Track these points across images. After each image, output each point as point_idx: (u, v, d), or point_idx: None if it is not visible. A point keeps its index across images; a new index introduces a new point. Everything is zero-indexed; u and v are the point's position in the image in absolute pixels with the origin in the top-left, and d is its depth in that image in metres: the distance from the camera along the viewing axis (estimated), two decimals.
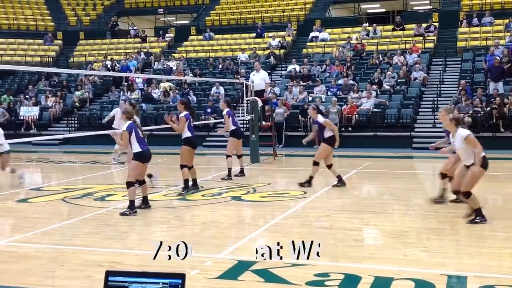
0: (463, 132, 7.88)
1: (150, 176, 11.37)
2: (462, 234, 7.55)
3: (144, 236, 7.64)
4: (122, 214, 8.72)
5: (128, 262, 6.23)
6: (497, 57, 20.20)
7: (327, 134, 10.82)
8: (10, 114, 24.04)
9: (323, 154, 10.91)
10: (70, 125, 23.79)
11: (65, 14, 34.84)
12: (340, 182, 10.92)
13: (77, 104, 24.87)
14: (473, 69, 22.17)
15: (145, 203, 9.18)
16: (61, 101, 25.05)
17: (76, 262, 6.22)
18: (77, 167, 16.78)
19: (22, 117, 24.11)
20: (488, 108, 18.64)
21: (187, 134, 10.67)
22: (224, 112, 12.57)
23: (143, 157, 8.91)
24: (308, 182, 11.00)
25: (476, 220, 7.74)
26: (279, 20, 29.98)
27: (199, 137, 21.50)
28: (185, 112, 10.59)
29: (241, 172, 12.88)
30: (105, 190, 11.35)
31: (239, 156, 12.89)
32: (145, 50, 28.90)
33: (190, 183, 10.77)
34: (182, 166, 10.62)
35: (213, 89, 23.65)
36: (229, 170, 12.53)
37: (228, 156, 12.62)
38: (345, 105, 20.08)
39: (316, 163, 10.96)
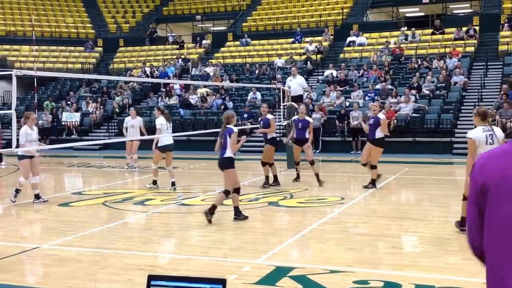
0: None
1: (155, 182, 12.03)
2: None
3: (182, 240, 7.71)
4: (235, 219, 8.63)
5: (167, 267, 6.30)
6: None
7: (378, 135, 11.20)
8: (52, 119, 24.64)
9: (378, 156, 11.42)
10: (110, 131, 24.22)
11: (105, 22, 35.57)
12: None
13: (116, 110, 25.32)
14: None
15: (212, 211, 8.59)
16: (101, 107, 25.54)
17: (117, 266, 6.31)
18: (117, 172, 17.05)
19: (64, 123, 24.69)
20: None
21: (273, 134, 12.19)
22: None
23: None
24: (373, 183, 11.45)
25: None
26: (316, 25, 29.90)
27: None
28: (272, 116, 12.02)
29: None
30: (144, 194, 11.50)
31: (270, 165, 12.40)
32: (183, 56, 29.24)
33: (271, 180, 12.01)
34: (263, 163, 12.03)
35: (250, 95, 23.73)
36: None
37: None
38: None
39: (374, 167, 11.41)
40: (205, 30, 35.18)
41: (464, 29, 25.29)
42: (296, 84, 16.86)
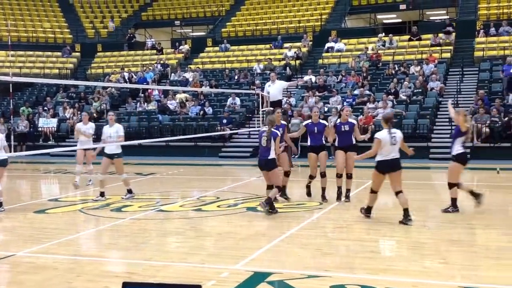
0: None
1: (130, 191, 11.51)
2: (480, 245, 7.46)
3: (160, 247, 7.66)
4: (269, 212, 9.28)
5: (144, 273, 6.25)
6: None
7: (355, 140, 10.70)
8: (29, 125, 24.34)
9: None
10: None
11: (83, 27, 35.30)
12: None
13: (94, 115, 25.11)
14: (490, 79, 21.99)
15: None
16: (79, 112, 25.29)
17: (93, 273, 6.25)
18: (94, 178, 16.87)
19: (40, 129, 24.40)
20: (506, 119, 18.45)
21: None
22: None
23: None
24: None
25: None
26: (295, 31, 30.05)
27: (216, 147, 21.70)
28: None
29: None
30: (122, 201, 11.40)
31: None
32: (162, 61, 29.13)
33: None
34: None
35: (229, 100, 23.74)
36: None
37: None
38: (361, 116, 20.02)
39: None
40: (184, 36, 35.14)
41: (441, 35, 25.64)
42: (275, 89, 16.90)
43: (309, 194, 11.02)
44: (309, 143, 10.72)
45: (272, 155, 9.33)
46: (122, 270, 6.30)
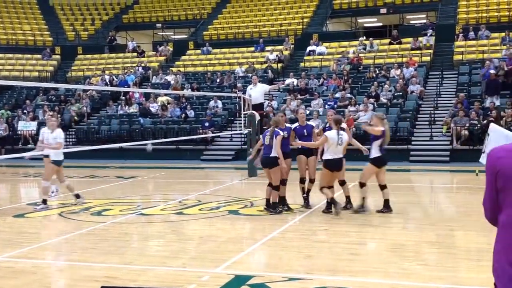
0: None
1: (78, 196, 11.21)
2: (459, 247, 7.54)
3: (141, 251, 7.62)
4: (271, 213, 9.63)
5: (125, 277, 6.21)
6: (492, 72, 20.27)
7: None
8: (8, 129, 24.04)
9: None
10: (68, 140, 23.77)
11: (63, 29, 34.99)
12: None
13: (75, 118, 24.91)
14: (469, 82, 22.26)
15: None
16: (59, 115, 25.05)
17: (73, 278, 6.20)
18: (74, 182, 16.71)
19: (20, 132, 24.12)
20: (485, 121, 18.67)
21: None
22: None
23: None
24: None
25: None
26: (277, 34, 30.13)
27: (197, 150, 21.65)
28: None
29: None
30: (102, 205, 11.32)
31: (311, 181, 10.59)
32: (143, 64, 29.00)
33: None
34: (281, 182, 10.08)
35: (211, 103, 23.70)
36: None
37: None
38: (343, 119, 20.11)
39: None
40: (166, 38, 35.01)
41: (421, 38, 25.91)
42: (257, 92, 16.95)
43: (307, 205, 10.30)
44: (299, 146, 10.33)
45: (274, 153, 9.51)
46: (102, 275, 6.25)
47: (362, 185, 9.71)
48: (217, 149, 21.96)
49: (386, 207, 9.75)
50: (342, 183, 9.99)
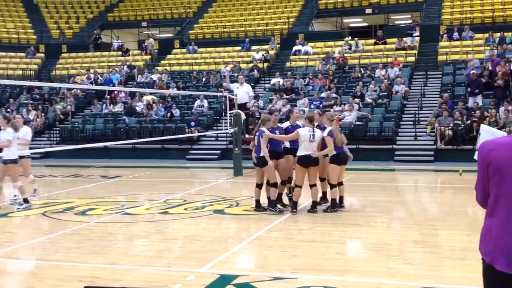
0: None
1: (26, 201, 10.79)
2: (443, 246, 7.59)
3: (126, 250, 7.58)
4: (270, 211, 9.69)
5: (109, 277, 6.17)
6: (474, 72, 20.46)
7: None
8: None
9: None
10: (52, 139, 23.60)
11: (48, 27, 34.67)
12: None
13: (61, 116, 24.70)
14: (453, 82, 22.45)
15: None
16: (43, 114, 24.86)
17: (56, 278, 6.14)
18: (58, 181, 16.61)
19: None
20: (469, 121, 18.86)
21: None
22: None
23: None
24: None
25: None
26: (263, 34, 30.13)
27: (183, 150, 21.58)
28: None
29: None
30: (86, 204, 11.24)
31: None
32: (128, 63, 28.83)
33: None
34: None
35: (197, 102, 23.64)
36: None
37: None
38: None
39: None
40: (151, 37, 34.84)
41: (405, 39, 26.07)
42: (242, 92, 16.96)
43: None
44: (288, 146, 10.07)
45: (262, 152, 9.57)
46: (86, 274, 6.20)
47: (332, 186, 9.77)
48: (203, 148, 21.92)
49: (340, 203, 9.94)
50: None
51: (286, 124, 10.51)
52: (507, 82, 20.48)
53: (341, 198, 10.01)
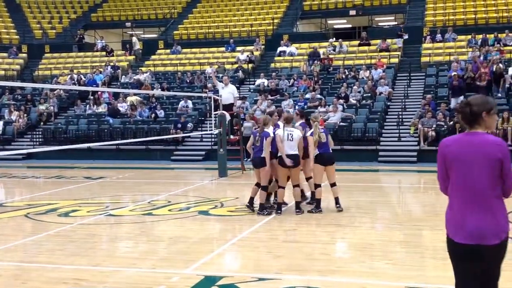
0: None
1: None
2: (426, 246, 7.66)
3: (110, 252, 7.54)
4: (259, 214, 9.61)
5: (94, 279, 6.13)
6: (455, 73, 20.65)
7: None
8: None
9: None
10: (34, 140, 23.38)
11: (30, 27, 34.34)
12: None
13: (44, 116, 24.47)
14: (436, 84, 22.64)
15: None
16: (25, 115, 24.61)
17: (40, 280, 6.09)
18: (41, 183, 16.46)
19: None
20: (451, 122, 19.03)
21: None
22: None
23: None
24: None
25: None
26: (248, 35, 30.14)
27: (168, 151, 21.51)
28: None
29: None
30: (70, 205, 11.16)
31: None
32: (112, 63, 28.67)
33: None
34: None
35: (181, 103, 23.58)
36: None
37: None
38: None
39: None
40: (136, 36, 34.67)
41: (390, 40, 26.25)
42: (227, 93, 16.94)
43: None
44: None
45: (263, 153, 9.57)
46: (70, 276, 6.16)
47: (316, 186, 9.81)
48: (188, 149, 21.86)
49: (336, 204, 9.92)
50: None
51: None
52: (489, 84, 20.72)
53: (336, 199, 9.97)
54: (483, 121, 3.65)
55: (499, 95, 20.76)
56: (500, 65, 20.96)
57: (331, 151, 9.95)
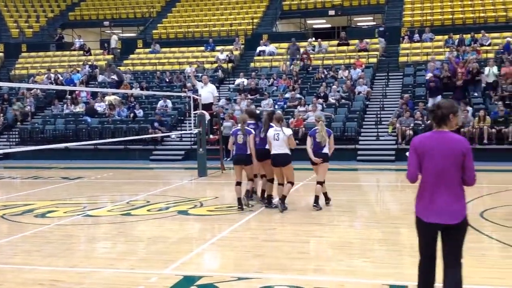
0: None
1: None
2: (404, 244, 7.72)
3: (87, 253, 7.46)
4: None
5: (71, 280, 6.07)
6: (431, 75, 20.86)
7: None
8: None
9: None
10: (11, 140, 23.05)
11: (7, 26, 33.83)
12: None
13: (19, 117, 24.14)
14: (414, 83, 22.86)
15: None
16: (2, 115, 24.26)
17: (16, 281, 6.01)
18: (18, 183, 16.25)
19: None
20: (429, 121, 19.22)
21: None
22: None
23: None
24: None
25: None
26: (227, 34, 30.09)
27: (146, 150, 21.37)
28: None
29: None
30: (47, 206, 11.02)
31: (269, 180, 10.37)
32: (90, 63, 28.38)
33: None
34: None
35: (160, 103, 23.45)
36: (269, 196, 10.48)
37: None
38: (292, 119, 20.30)
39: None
40: (115, 33, 34.37)
41: (368, 40, 26.43)
42: (206, 92, 16.88)
43: (269, 203, 10.15)
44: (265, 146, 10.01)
45: (248, 150, 9.93)
46: (46, 278, 6.09)
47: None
48: (167, 149, 21.76)
49: (326, 199, 10.37)
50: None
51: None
52: (466, 83, 20.98)
53: (325, 194, 10.36)
54: (449, 121, 4.46)
55: (476, 94, 21.05)
56: (476, 64, 21.24)
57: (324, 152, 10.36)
